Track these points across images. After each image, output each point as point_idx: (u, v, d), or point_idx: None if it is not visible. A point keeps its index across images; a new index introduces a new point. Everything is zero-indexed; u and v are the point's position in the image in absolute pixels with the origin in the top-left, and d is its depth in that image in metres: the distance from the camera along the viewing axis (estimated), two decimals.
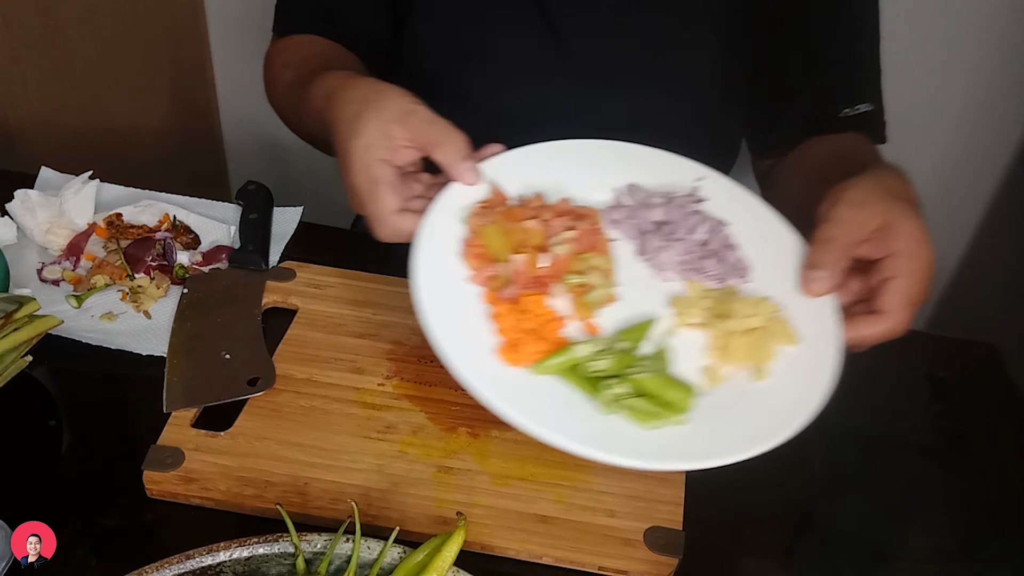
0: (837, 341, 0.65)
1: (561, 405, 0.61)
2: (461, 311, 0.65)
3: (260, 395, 0.72)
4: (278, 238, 0.91)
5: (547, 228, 0.68)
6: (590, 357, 0.62)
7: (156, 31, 1.52)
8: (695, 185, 0.75)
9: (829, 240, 0.66)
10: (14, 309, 0.68)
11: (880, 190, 0.67)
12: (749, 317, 0.66)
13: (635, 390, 0.61)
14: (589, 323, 0.66)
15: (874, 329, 0.66)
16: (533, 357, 0.63)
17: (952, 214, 1.54)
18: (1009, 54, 1.37)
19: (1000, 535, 0.72)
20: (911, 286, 0.65)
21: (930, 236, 0.66)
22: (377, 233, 0.70)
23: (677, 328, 0.67)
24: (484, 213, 0.69)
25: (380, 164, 0.69)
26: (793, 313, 0.67)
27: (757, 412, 0.62)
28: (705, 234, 0.71)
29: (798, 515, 0.73)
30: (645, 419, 0.60)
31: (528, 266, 0.66)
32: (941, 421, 0.84)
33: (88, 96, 1.41)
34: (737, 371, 0.65)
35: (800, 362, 0.65)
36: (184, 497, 0.65)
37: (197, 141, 1.74)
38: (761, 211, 0.74)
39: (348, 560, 0.55)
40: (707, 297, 0.68)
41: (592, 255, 0.68)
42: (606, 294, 0.67)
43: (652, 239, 0.71)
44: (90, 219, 0.89)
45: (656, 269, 0.70)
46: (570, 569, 0.64)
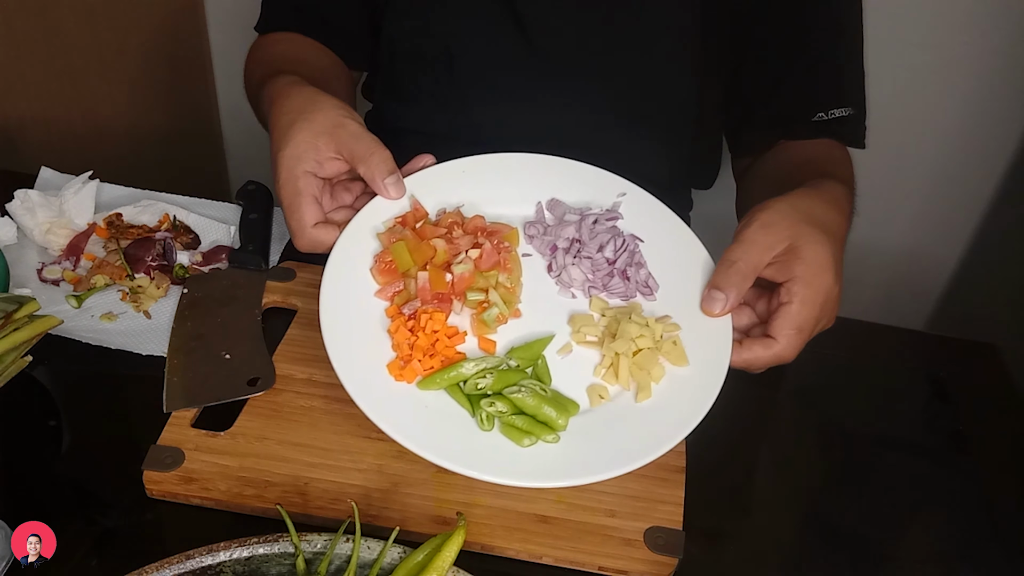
0: (724, 365, 0.66)
1: (442, 422, 0.64)
2: (362, 325, 0.68)
3: (260, 395, 0.72)
4: (278, 238, 0.91)
5: (454, 246, 0.71)
6: (475, 375, 0.65)
7: (155, 31, 1.52)
8: (616, 201, 0.77)
9: (732, 263, 0.67)
10: (14, 309, 0.68)
11: (794, 214, 0.69)
12: (638, 338, 0.67)
13: (512, 409, 0.64)
14: (487, 339, 0.69)
15: (763, 353, 0.67)
16: (421, 373, 0.66)
17: (952, 214, 1.54)
18: (1009, 54, 1.37)
19: (999, 535, 0.72)
20: (801, 312, 0.66)
21: (838, 264, 0.68)
22: (296, 244, 0.73)
23: (571, 345, 0.70)
24: (397, 229, 0.72)
25: (305, 176, 0.71)
26: (691, 333, 0.69)
27: (630, 433, 0.64)
28: (613, 252, 0.72)
29: (798, 515, 0.73)
30: (518, 437, 0.63)
31: (431, 283, 0.68)
32: (941, 421, 0.84)
33: (88, 96, 1.41)
34: (622, 390, 0.68)
35: (685, 384, 0.67)
36: (184, 497, 0.65)
37: (197, 141, 1.74)
38: (678, 229, 0.75)
39: (348, 560, 0.55)
40: (605, 316, 0.71)
41: (497, 273, 0.71)
42: (504, 312, 0.69)
43: (561, 256, 0.73)
44: (90, 219, 0.89)
45: (563, 286, 0.73)
46: (570, 569, 0.64)
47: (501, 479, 0.60)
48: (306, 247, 0.73)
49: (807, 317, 0.67)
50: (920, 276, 1.61)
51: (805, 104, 0.92)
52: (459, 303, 0.70)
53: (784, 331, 0.67)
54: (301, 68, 0.88)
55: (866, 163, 0.96)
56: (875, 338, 0.93)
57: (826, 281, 0.67)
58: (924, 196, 1.53)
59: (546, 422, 0.64)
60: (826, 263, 0.67)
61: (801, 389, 0.86)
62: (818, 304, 0.67)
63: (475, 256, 0.70)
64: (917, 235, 1.57)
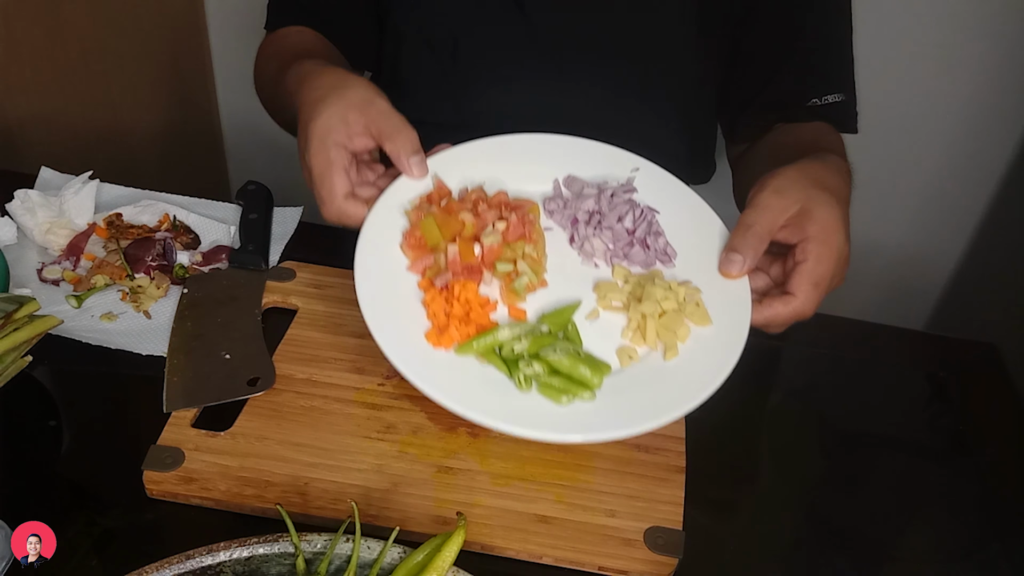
0: (746, 323, 0.68)
1: (482, 385, 0.65)
2: (397, 298, 0.69)
3: (260, 395, 0.72)
4: (278, 238, 0.91)
5: (481, 220, 0.72)
6: (510, 340, 0.66)
7: (156, 31, 1.52)
8: (630, 176, 0.78)
9: (749, 226, 0.70)
10: (14, 309, 0.68)
11: (804, 179, 0.71)
12: (663, 300, 0.69)
13: (548, 369, 0.65)
14: (517, 308, 0.70)
15: (783, 309, 0.69)
16: (458, 340, 0.67)
17: (952, 214, 1.54)
18: (1009, 54, 1.37)
19: (1000, 535, 0.72)
20: (817, 269, 0.68)
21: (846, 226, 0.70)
22: (324, 213, 0.73)
23: (598, 311, 0.71)
24: (424, 206, 0.73)
25: (336, 147, 0.72)
26: (711, 295, 0.71)
27: (663, 388, 0.66)
28: (632, 223, 0.74)
29: (798, 515, 0.73)
30: (556, 395, 0.64)
31: (461, 255, 0.69)
32: (941, 421, 0.84)
33: (88, 96, 1.41)
34: (650, 351, 0.69)
35: (710, 342, 0.68)
36: (184, 497, 0.65)
37: (197, 141, 1.74)
38: (691, 200, 0.78)
39: (348, 560, 0.55)
40: (629, 282, 0.72)
41: (522, 244, 0.72)
42: (533, 281, 0.71)
43: (582, 228, 0.75)
44: (90, 219, 0.89)
45: (585, 256, 0.74)
46: (570, 569, 0.64)
47: (543, 434, 0.62)
48: (333, 217, 0.73)
49: (823, 273, 0.69)
50: (920, 276, 1.61)
51: (800, 90, 0.94)
52: (488, 274, 0.70)
53: (802, 286, 0.68)
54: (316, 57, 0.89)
55: (866, 163, 0.96)
56: (875, 338, 0.93)
57: (838, 240, 0.69)
58: (924, 196, 1.54)
59: (581, 381, 0.65)
60: (837, 224, 0.69)
61: (801, 389, 0.86)
62: (832, 261, 0.69)
63: (502, 228, 0.72)
64: (917, 235, 1.57)
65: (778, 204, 0.69)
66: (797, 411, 0.84)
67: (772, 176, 0.71)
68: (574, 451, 0.71)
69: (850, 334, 0.92)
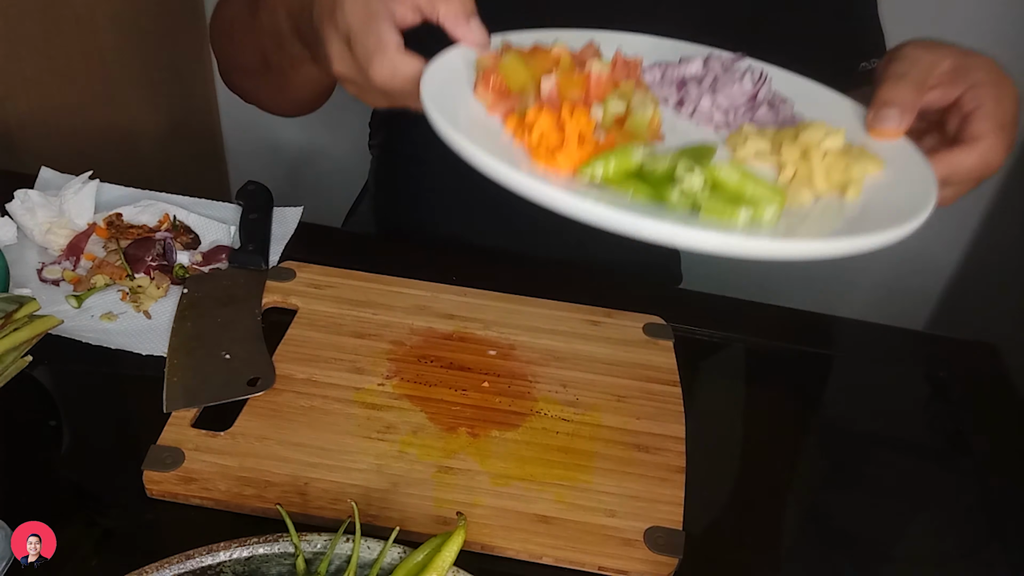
0: (928, 165, 0.56)
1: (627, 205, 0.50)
2: (488, 134, 0.54)
3: (260, 395, 0.72)
4: (278, 238, 0.91)
5: (578, 57, 0.59)
6: (651, 160, 0.51)
7: (156, 31, 1.52)
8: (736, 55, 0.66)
9: (902, 75, 0.58)
10: (14, 309, 0.68)
11: (948, 47, 0.61)
12: (825, 138, 0.56)
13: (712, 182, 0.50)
14: None
15: (965, 157, 0.57)
16: (578, 159, 0.52)
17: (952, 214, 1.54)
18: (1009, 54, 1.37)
19: (1000, 535, 0.72)
20: (999, 110, 0.58)
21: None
22: (372, 75, 0.59)
23: (739, 161, 0.56)
24: (498, 54, 0.59)
25: (379, 2, 0.58)
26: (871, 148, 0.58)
27: (858, 217, 0.52)
28: (752, 85, 0.62)
29: (798, 515, 0.73)
30: (730, 211, 0.48)
31: (561, 87, 0.54)
32: (941, 421, 0.84)
33: (88, 96, 1.41)
34: (819, 196, 0.55)
35: (892, 183, 0.55)
36: (184, 497, 0.65)
37: (197, 141, 1.74)
38: (809, 83, 0.66)
39: (348, 560, 0.55)
40: (766, 135, 0.58)
41: (632, 85, 0.58)
42: (654, 119, 0.56)
43: (694, 88, 0.62)
44: (90, 219, 0.89)
45: (702, 120, 0.61)
46: (570, 569, 0.64)
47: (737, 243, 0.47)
48: (386, 76, 0.58)
49: (1006, 114, 0.58)
50: (920, 276, 1.61)
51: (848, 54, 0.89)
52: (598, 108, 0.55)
53: (986, 127, 0.57)
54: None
55: None
56: (875, 338, 0.93)
57: (1011, 86, 0.59)
58: None
59: (758, 197, 0.49)
60: (1003, 73, 0.60)
61: (801, 389, 0.86)
62: (1011, 105, 0.59)
63: (605, 62, 0.58)
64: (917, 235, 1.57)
65: (927, 56, 0.59)
66: (797, 411, 0.84)
67: (904, 44, 0.61)
68: (574, 451, 0.71)
69: (850, 334, 0.93)
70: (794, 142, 0.56)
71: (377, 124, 1.11)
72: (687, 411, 0.75)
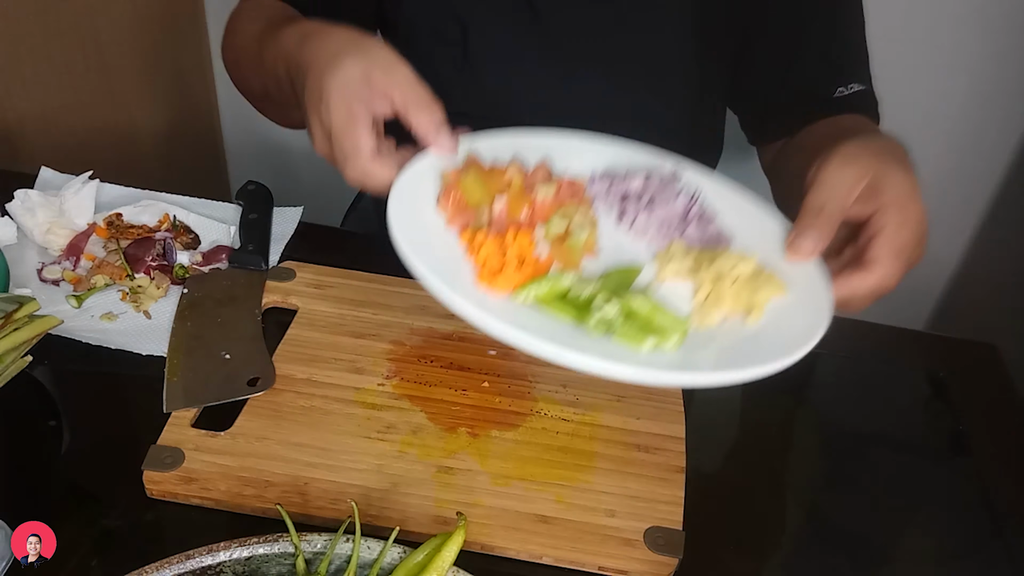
0: (827, 289, 0.62)
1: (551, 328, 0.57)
2: (442, 250, 0.62)
3: (260, 395, 0.72)
4: (278, 238, 0.91)
5: (529, 179, 0.66)
6: (577, 284, 0.59)
7: (156, 31, 1.52)
8: (675, 168, 0.74)
9: (820, 206, 0.63)
10: (14, 309, 0.68)
11: (868, 150, 0.65)
12: (737, 265, 0.62)
13: (625, 312, 0.57)
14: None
15: (861, 281, 0.62)
16: (516, 282, 0.59)
17: (952, 214, 1.54)
18: (1009, 54, 1.37)
19: (1000, 535, 0.72)
20: (899, 236, 0.62)
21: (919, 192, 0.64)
22: (347, 172, 0.66)
23: (660, 280, 0.64)
24: (462, 169, 0.66)
25: (360, 103, 0.65)
26: (780, 274, 0.64)
27: (750, 345, 0.59)
28: (685, 203, 0.69)
29: (798, 515, 0.73)
30: (639, 337, 0.56)
31: (510, 208, 0.62)
32: (941, 421, 0.84)
33: (88, 96, 1.41)
34: (724, 319, 0.62)
35: (791, 308, 0.61)
36: (184, 497, 0.65)
37: (197, 141, 1.74)
38: (742, 194, 0.72)
39: (348, 560, 0.55)
40: (690, 254, 0.65)
41: (575, 206, 0.65)
42: (589, 239, 0.63)
43: (633, 203, 0.69)
44: (90, 219, 0.89)
45: (637, 234, 0.68)
46: (570, 569, 0.64)
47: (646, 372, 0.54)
48: (357, 176, 0.66)
49: (905, 240, 0.62)
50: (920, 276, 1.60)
51: (823, 80, 0.92)
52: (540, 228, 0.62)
53: (884, 254, 0.62)
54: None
55: None
56: (875, 338, 0.93)
57: (917, 209, 0.63)
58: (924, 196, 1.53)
59: (665, 326, 0.57)
60: (913, 190, 0.63)
61: (801, 389, 0.86)
62: (912, 227, 0.62)
63: (553, 187, 0.65)
64: None
65: (847, 176, 0.63)
66: (797, 411, 0.84)
67: (835, 150, 0.65)
68: (574, 451, 0.71)
69: (850, 334, 0.92)
70: (711, 265, 0.63)
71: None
72: (687, 411, 0.75)
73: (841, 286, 0.62)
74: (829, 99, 0.91)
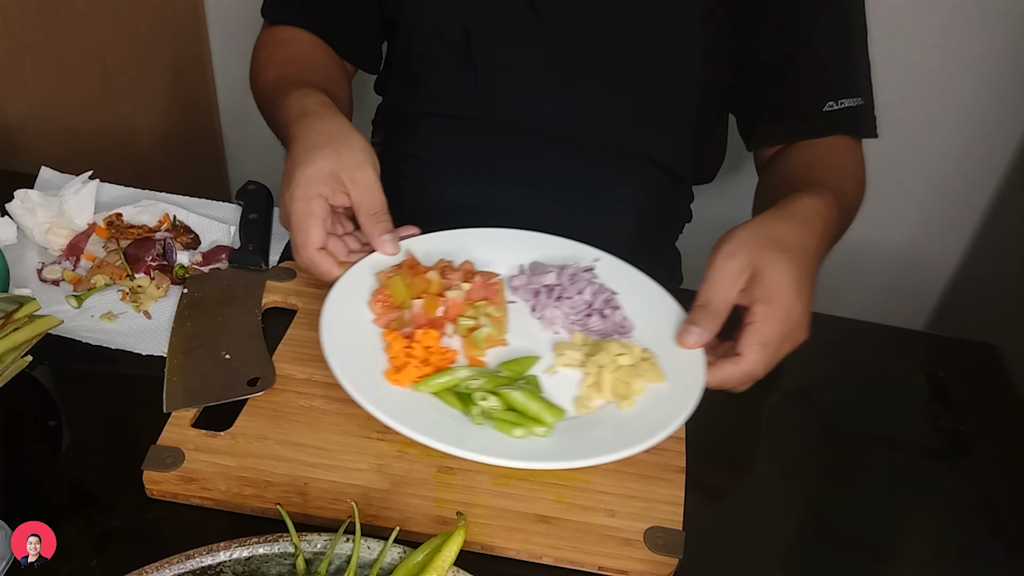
0: (700, 380, 0.70)
1: (438, 417, 0.67)
2: (360, 345, 0.72)
3: (260, 395, 0.72)
4: (278, 238, 0.91)
5: (447, 280, 0.77)
6: (468, 378, 0.69)
7: (156, 31, 1.52)
8: (591, 263, 0.83)
9: (705, 304, 0.72)
10: (14, 309, 0.68)
11: (754, 240, 0.72)
12: (618, 355, 0.72)
13: (504, 406, 0.67)
14: (477, 360, 0.73)
15: (732, 369, 0.70)
16: (416, 378, 0.69)
17: (952, 214, 1.54)
18: (1009, 54, 1.37)
19: (1000, 535, 0.72)
20: (762, 329, 0.69)
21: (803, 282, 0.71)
22: (296, 258, 0.78)
23: (556, 367, 0.74)
24: (394, 270, 0.77)
25: (319, 199, 0.75)
26: (666, 360, 0.74)
27: (615, 431, 0.68)
28: (591, 296, 0.78)
29: (798, 515, 0.73)
30: (509, 428, 0.66)
31: (425, 309, 0.73)
32: (941, 421, 0.84)
33: (88, 96, 1.41)
34: (606, 404, 0.71)
35: (664, 397, 0.71)
36: (184, 497, 0.65)
37: (197, 141, 1.74)
38: (650, 286, 0.81)
39: (348, 560, 0.55)
40: (587, 344, 0.75)
41: (486, 304, 0.76)
42: (493, 334, 0.74)
43: (544, 297, 0.79)
44: (90, 219, 0.89)
45: (546, 324, 0.78)
46: (570, 569, 0.64)
47: (492, 459, 0.63)
48: (303, 264, 0.77)
49: (769, 333, 0.69)
50: (920, 276, 1.61)
51: (813, 94, 0.93)
52: (451, 327, 0.74)
53: (749, 347, 0.70)
54: (315, 76, 0.92)
55: (867, 164, 0.96)
56: (875, 338, 0.93)
57: (786, 299, 0.70)
58: (924, 196, 1.54)
59: (535, 418, 0.67)
60: (785, 283, 0.70)
61: (801, 389, 0.86)
62: (779, 320, 0.70)
63: (466, 288, 0.76)
64: (917, 235, 1.57)
65: (728, 271, 0.71)
66: (797, 411, 0.84)
67: (724, 240, 0.73)
68: None
69: (850, 334, 0.93)
70: (597, 355, 0.72)
71: (379, 123, 1.12)
72: None
73: (714, 374, 0.71)
74: (818, 113, 0.93)
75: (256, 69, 1.00)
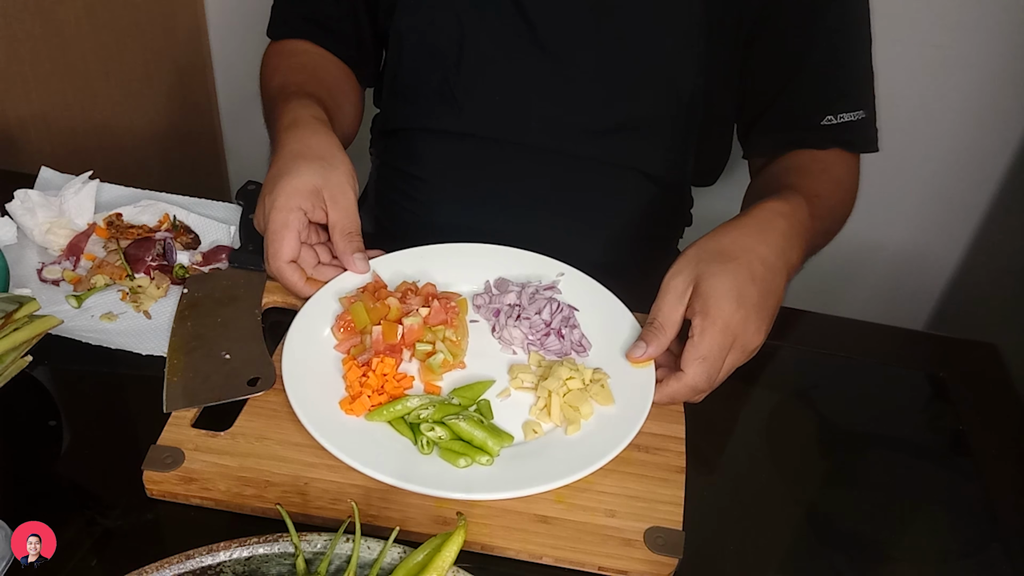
0: (647, 404, 0.72)
1: (388, 445, 0.68)
2: (319, 372, 0.73)
3: (260, 395, 0.72)
4: None
5: (406, 306, 0.78)
6: (418, 407, 0.70)
7: (156, 31, 1.52)
8: (555, 279, 0.85)
9: (651, 323, 0.74)
10: (14, 309, 0.68)
11: (698, 254, 0.74)
12: (568, 379, 0.73)
13: (451, 436, 0.68)
14: (433, 385, 0.74)
15: (677, 385, 0.72)
16: (369, 407, 0.70)
17: (952, 214, 1.54)
18: (1009, 54, 1.37)
19: (1000, 535, 0.72)
20: (701, 343, 0.70)
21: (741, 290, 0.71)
22: (267, 266, 0.80)
23: (510, 390, 0.75)
24: (357, 295, 0.79)
25: (297, 211, 0.77)
26: (619, 380, 0.75)
27: (558, 457, 0.68)
28: (549, 315, 0.79)
29: (798, 515, 0.73)
30: (454, 458, 0.67)
31: (384, 335, 0.74)
32: (941, 421, 0.84)
33: (88, 96, 1.41)
34: (555, 427, 0.72)
35: (611, 420, 0.71)
36: (184, 497, 0.65)
37: (197, 141, 1.74)
38: (611, 301, 0.83)
39: (348, 560, 0.55)
40: (541, 366, 0.77)
41: (443, 329, 0.77)
42: (448, 359, 0.75)
43: (503, 318, 0.80)
44: (90, 219, 0.89)
45: (505, 344, 0.79)
46: (570, 569, 0.64)
47: (435, 491, 0.64)
48: (272, 273, 0.79)
49: (708, 346, 0.70)
50: (920, 276, 1.61)
51: (813, 106, 0.92)
52: (408, 352, 0.75)
53: (689, 362, 0.71)
54: (318, 87, 0.92)
55: (867, 164, 0.96)
56: (875, 338, 0.93)
57: (724, 309, 0.70)
58: (924, 196, 1.54)
59: (481, 447, 0.68)
60: (723, 293, 0.70)
61: (801, 389, 0.86)
62: (717, 331, 0.70)
63: (424, 313, 0.77)
64: (917, 235, 1.57)
65: (673, 289, 0.73)
66: (797, 411, 0.84)
67: (679, 258, 0.74)
68: None
69: (850, 334, 0.93)
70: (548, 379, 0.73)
71: (377, 133, 1.11)
72: (687, 411, 0.75)
73: (661, 390, 0.72)
74: (816, 126, 0.92)
75: (264, 76, 1.01)
